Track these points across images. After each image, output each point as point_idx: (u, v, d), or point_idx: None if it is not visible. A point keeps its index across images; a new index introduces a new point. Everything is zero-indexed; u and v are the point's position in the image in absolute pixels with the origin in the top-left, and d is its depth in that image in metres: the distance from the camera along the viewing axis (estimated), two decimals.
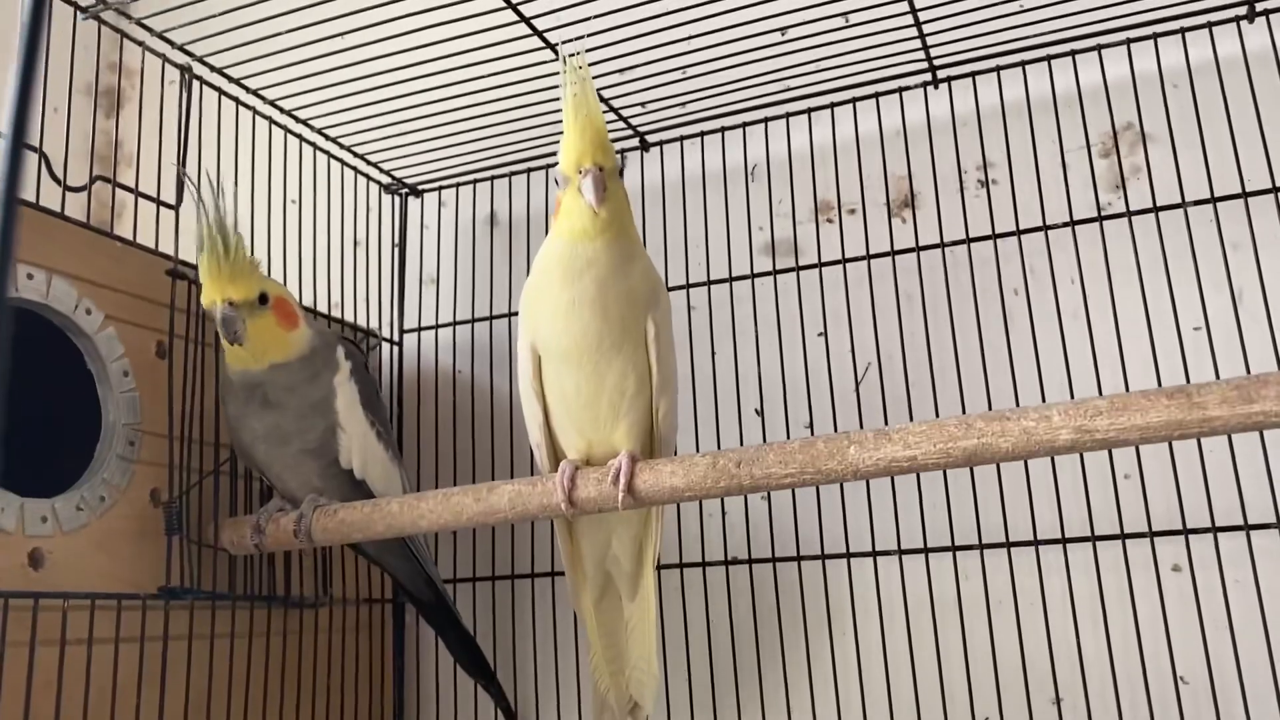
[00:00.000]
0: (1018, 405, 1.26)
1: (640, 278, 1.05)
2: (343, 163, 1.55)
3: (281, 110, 1.40)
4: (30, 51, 0.38)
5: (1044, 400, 1.22)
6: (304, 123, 1.44)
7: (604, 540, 1.17)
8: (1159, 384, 1.18)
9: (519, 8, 1.20)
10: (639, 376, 1.05)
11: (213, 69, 1.30)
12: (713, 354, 1.43)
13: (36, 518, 1.02)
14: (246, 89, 1.35)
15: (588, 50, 1.28)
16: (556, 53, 1.30)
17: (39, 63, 0.38)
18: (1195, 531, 1.18)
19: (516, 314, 1.13)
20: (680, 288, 1.47)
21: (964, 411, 1.26)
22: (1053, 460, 1.25)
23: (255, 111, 1.37)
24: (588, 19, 1.23)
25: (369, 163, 1.57)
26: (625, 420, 1.06)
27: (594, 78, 1.36)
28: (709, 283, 1.46)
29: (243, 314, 1.11)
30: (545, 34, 1.26)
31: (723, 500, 1.42)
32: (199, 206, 1.12)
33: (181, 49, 1.26)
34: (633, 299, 1.04)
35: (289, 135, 1.43)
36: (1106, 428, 0.87)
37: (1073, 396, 1.23)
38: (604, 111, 1.42)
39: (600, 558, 1.18)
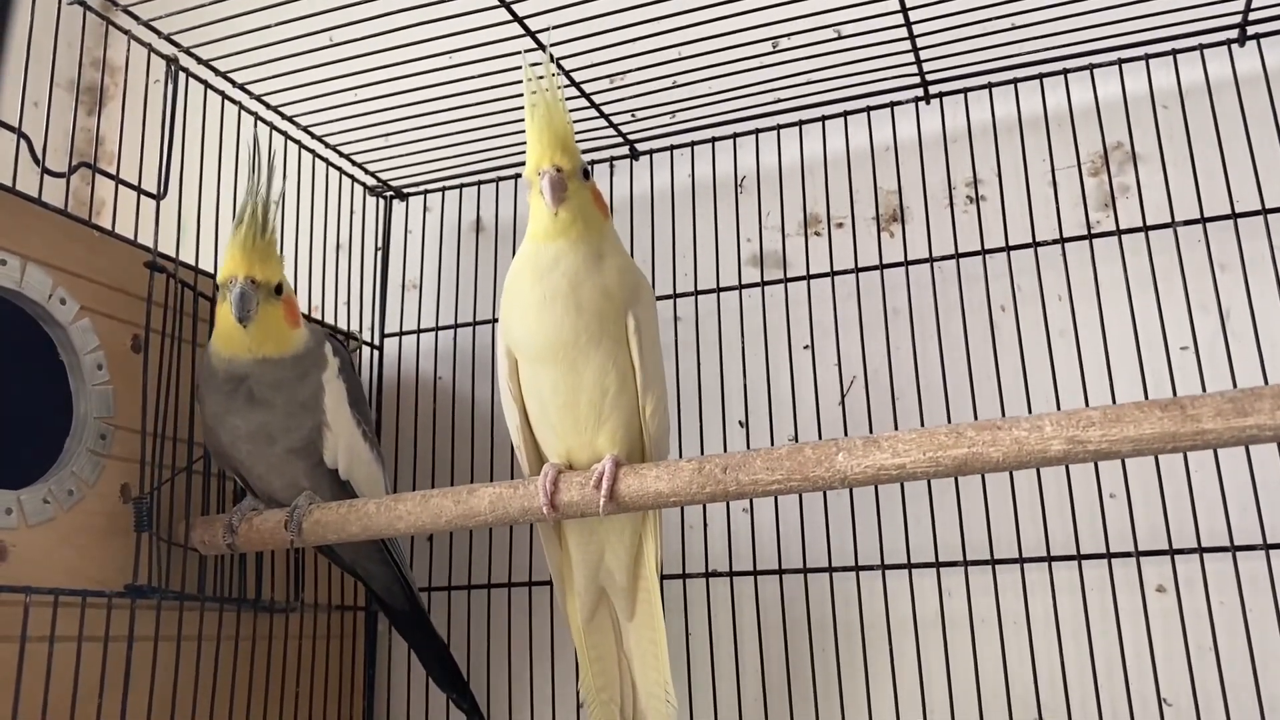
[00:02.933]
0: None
1: (615, 274, 1.03)
2: (328, 162, 1.53)
3: (268, 106, 1.38)
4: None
5: None
6: (290, 119, 1.42)
7: (596, 551, 1.13)
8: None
9: (512, 6, 1.19)
10: (620, 374, 1.03)
11: (199, 61, 1.28)
12: (698, 365, 1.41)
13: (0, 509, 0.99)
14: (233, 83, 1.33)
15: (579, 54, 1.29)
16: (551, 56, 1.29)
17: (8, 31, 0.37)
18: (1181, 552, 1.17)
19: (499, 320, 1.11)
20: (667, 297, 1.46)
21: None
22: (1039, 477, 1.24)
23: (241, 106, 1.35)
24: (581, 20, 1.22)
25: (355, 164, 1.55)
26: (608, 424, 1.04)
27: (586, 83, 1.36)
28: (696, 293, 1.45)
29: (259, 295, 1.10)
30: (538, 35, 1.25)
31: (704, 511, 1.40)
32: (251, 179, 1.11)
33: (168, 39, 1.24)
34: (608, 294, 1.02)
35: (274, 132, 1.41)
36: (1099, 439, 0.86)
37: None
38: (595, 118, 1.43)
39: (593, 570, 1.14)
